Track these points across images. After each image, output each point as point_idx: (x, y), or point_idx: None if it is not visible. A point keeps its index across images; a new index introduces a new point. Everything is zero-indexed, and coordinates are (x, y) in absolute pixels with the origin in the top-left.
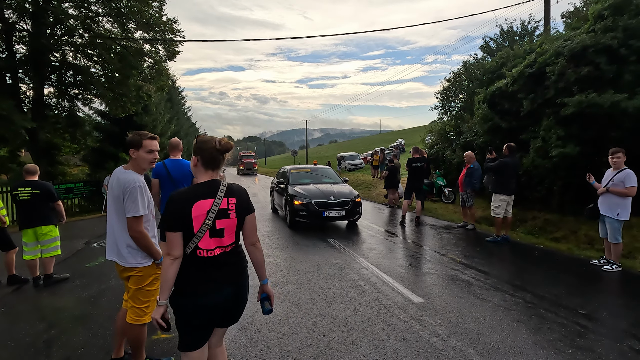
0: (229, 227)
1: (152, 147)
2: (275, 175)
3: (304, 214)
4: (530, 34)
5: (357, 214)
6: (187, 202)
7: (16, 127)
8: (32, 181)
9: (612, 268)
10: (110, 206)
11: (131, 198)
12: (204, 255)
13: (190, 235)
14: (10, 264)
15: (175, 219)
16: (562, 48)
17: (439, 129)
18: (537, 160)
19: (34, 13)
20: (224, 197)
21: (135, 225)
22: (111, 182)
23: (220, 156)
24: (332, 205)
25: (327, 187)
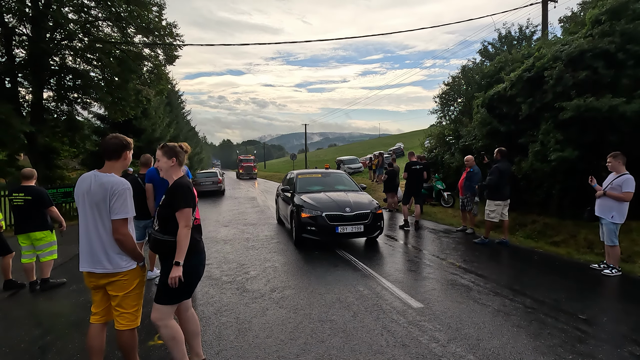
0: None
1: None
2: (281, 181)
3: (313, 230)
4: (528, 38)
5: (378, 230)
6: (191, 185)
7: (15, 131)
8: (26, 187)
9: (612, 272)
10: (88, 213)
11: (120, 200)
12: (197, 223)
13: (193, 209)
14: (7, 268)
15: (192, 197)
16: (560, 52)
17: (437, 133)
18: (535, 164)
19: (33, 17)
20: None
21: (123, 227)
22: (87, 187)
23: (185, 156)
24: (348, 219)
25: (341, 196)
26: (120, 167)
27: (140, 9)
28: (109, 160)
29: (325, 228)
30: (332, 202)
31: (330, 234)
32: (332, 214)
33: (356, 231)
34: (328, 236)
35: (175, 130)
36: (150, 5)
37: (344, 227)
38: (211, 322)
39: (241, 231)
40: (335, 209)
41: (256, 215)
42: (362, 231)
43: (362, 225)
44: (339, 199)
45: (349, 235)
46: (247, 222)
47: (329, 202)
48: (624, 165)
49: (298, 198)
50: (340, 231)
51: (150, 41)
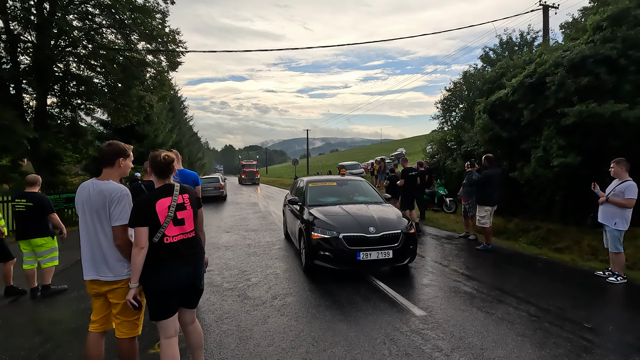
0: (187, 216)
1: (132, 157)
2: (290, 190)
3: (327, 256)
4: (529, 44)
5: (411, 255)
6: (151, 202)
7: (18, 137)
8: (28, 193)
9: (617, 280)
10: (88, 221)
11: (120, 206)
12: (170, 241)
13: (157, 227)
14: (8, 275)
15: (143, 216)
16: (561, 58)
17: (439, 139)
18: (538, 169)
19: (38, 25)
20: (179, 194)
21: (123, 233)
22: (86, 195)
23: (164, 166)
24: (373, 243)
25: (362, 211)
26: (117, 174)
27: (144, 16)
28: (104, 167)
29: (343, 254)
30: (352, 219)
31: (349, 261)
32: (352, 236)
33: (383, 258)
34: (347, 264)
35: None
36: (154, 13)
37: (368, 253)
38: (212, 330)
39: (243, 237)
40: (355, 228)
41: (258, 221)
42: (391, 258)
43: (390, 250)
44: (361, 215)
45: (374, 264)
46: (249, 228)
47: (347, 220)
48: (627, 172)
49: (308, 213)
50: (362, 258)
51: (153, 48)
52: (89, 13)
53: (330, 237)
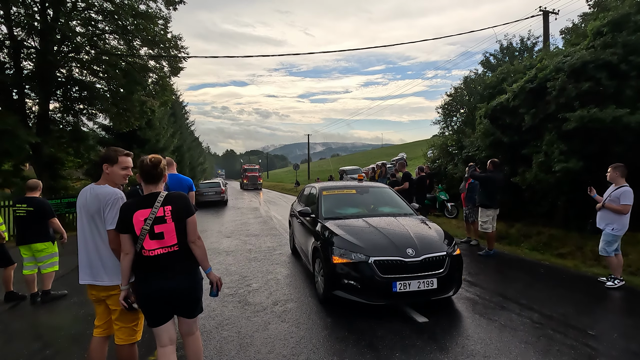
0: (167, 230)
1: (127, 164)
2: (297, 197)
3: (353, 285)
4: (529, 49)
5: (457, 283)
6: (129, 211)
7: (20, 142)
8: (28, 198)
9: (614, 283)
10: (85, 225)
11: (114, 209)
12: (147, 254)
13: (135, 238)
14: (8, 280)
15: (122, 223)
16: (562, 64)
17: (440, 144)
18: (540, 175)
19: (42, 31)
20: (161, 207)
21: (117, 237)
22: (84, 199)
23: (152, 171)
24: (413, 269)
25: (393, 226)
26: (109, 179)
27: (147, 22)
28: (101, 172)
29: (374, 284)
30: (383, 237)
31: (382, 294)
32: (385, 260)
33: (425, 288)
34: (378, 297)
35: (179, 140)
36: (156, 19)
37: (406, 283)
38: (212, 336)
39: (243, 242)
40: (389, 250)
41: (259, 226)
42: (435, 288)
43: (434, 278)
44: (393, 232)
45: (414, 296)
46: (250, 233)
47: (377, 238)
48: (624, 178)
49: (325, 228)
50: (399, 289)
51: (155, 53)
52: (92, 19)
53: (357, 261)
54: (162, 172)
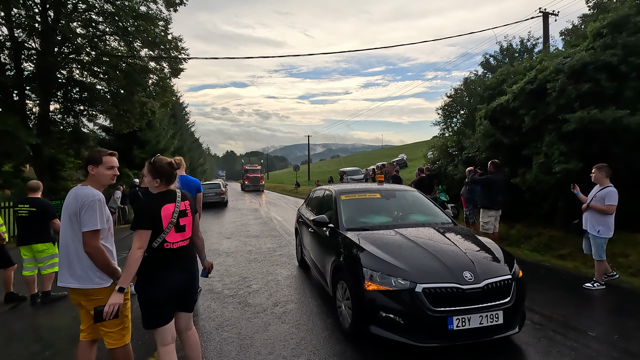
0: (188, 223)
1: (112, 164)
2: (305, 202)
3: (395, 321)
4: (529, 51)
5: (523, 315)
6: (157, 206)
7: (21, 143)
8: (31, 198)
9: (593, 286)
10: (65, 225)
11: (89, 211)
12: (170, 247)
13: (159, 232)
14: (8, 281)
15: (150, 218)
16: (562, 65)
17: (441, 145)
18: (540, 176)
19: (42, 32)
20: (181, 201)
21: (92, 240)
22: (67, 200)
23: (173, 172)
24: (472, 298)
25: (438, 241)
26: (94, 181)
27: (147, 23)
28: (85, 173)
29: (423, 319)
30: (429, 256)
31: (435, 332)
32: (438, 288)
33: (490, 324)
34: (430, 337)
35: (179, 141)
36: (156, 20)
37: (465, 318)
38: (212, 337)
39: (244, 243)
40: (441, 274)
41: (259, 227)
42: (501, 323)
43: (500, 310)
44: (440, 249)
45: (476, 335)
46: (250, 234)
47: (422, 257)
48: (609, 178)
49: (350, 242)
50: (457, 326)
51: (156, 54)
52: (92, 20)
53: (399, 288)
54: (177, 174)
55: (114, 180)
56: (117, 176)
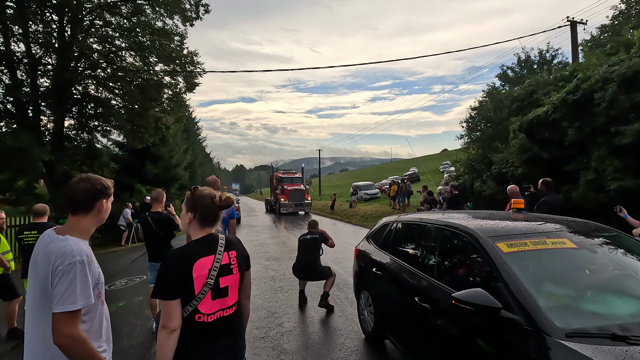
0: (232, 284)
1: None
2: (372, 237)
3: None
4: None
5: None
6: (187, 262)
7: (34, 160)
8: (38, 224)
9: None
10: (32, 295)
11: (65, 281)
12: (203, 320)
13: (189, 298)
14: (12, 315)
15: (175, 283)
16: (609, 73)
17: (465, 159)
18: (589, 194)
19: (59, 48)
20: (224, 252)
21: (66, 325)
22: (35, 254)
23: (219, 212)
24: None
25: None
26: (92, 224)
27: (163, 38)
28: (73, 213)
29: None
30: None
31: None
32: None
33: None
34: None
35: (191, 156)
36: (172, 35)
37: None
38: None
39: (265, 267)
40: None
41: (277, 247)
42: None
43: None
44: None
45: None
46: (270, 256)
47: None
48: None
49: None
50: None
51: (171, 69)
52: (109, 36)
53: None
54: (221, 214)
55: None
56: (129, 193)
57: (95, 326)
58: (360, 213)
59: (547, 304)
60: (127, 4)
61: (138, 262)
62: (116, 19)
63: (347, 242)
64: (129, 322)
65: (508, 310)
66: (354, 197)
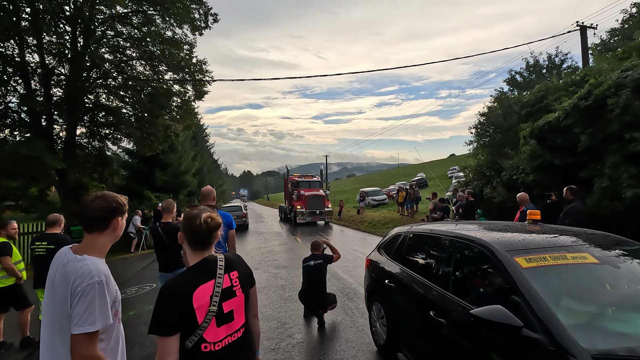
0: (237, 306)
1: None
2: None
3: None
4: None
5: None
6: (185, 292)
7: (46, 168)
8: (49, 234)
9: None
10: (47, 318)
11: (84, 302)
12: (210, 349)
13: (193, 328)
14: (25, 324)
15: (173, 318)
16: (622, 78)
17: (475, 165)
18: (604, 201)
19: (72, 58)
20: (225, 274)
21: (86, 347)
22: (53, 276)
23: (208, 235)
24: None
25: None
26: (108, 242)
27: (173, 48)
28: (89, 232)
29: None
30: None
31: None
32: None
33: None
34: None
35: (199, 163)
36: (182, 44)
37: None
38: None
39: (274, 276)
40: None
41: (286, 254)
42: None
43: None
44: None
45: None
46: (279, 264)
47: None
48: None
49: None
50: None
51: (180, 77)
52: (120, 46)
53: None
54: (217, 234)
55: None
56: (139, 200)
57: (111, 344)
58: (368, 220)
59: (571, 323)
60: (138, 15)
61: (148, 270)
62: (127, 29)
63: (355, 249)
64: (139, 332)
65: (529, 329)
66: (361, 204)
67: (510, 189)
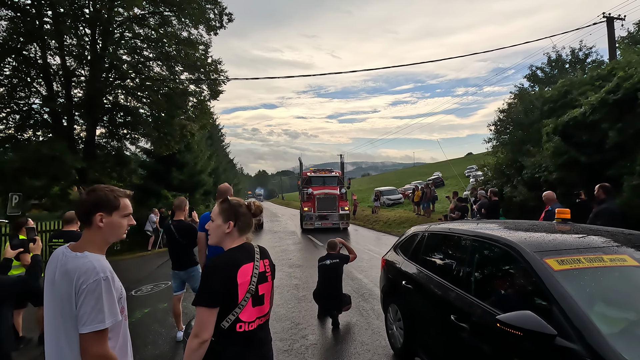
0: (267, 291)
1: (129, 210)
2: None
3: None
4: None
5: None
6: (232, 268)
7: (68, 167)
8: (66, 232)
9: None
10: (50, 316)
11: (90, 300)
12: (244, 329)
13: (232, 307)
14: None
15: (221, 290)
16: None
17: (494, 164)
18: (635, 200)
19: (91, 60)
20: (260, 260)
21: (96, 345)
22: (52, 273)
23: (252, 220)
24: None
25: None
26: (99, 239)
27: (188, 48)
28: (86, 227)
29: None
30: None
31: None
32: None
33: None
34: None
35: (215, 162)
36: (197, 45)
37: None
38: None
39: (288, 275)
40: None
41: (300, 253)
42: None
43: None
44: None
45: None
46: (292, 263)
47: None
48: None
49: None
50: None
51: (195, 77)
52: (137, 47)
53: None
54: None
55: (124, 236)
56: (156, 199)
57: (120, 342)
58: (383, 219)
59: (610, 331)
60: (154, 16)
61: (163, 268)
62: (144, 30)
63: (370, 249)
64: (153, 330)
65: (564, 337)
66: (376, 203)
67: (532, 188)
